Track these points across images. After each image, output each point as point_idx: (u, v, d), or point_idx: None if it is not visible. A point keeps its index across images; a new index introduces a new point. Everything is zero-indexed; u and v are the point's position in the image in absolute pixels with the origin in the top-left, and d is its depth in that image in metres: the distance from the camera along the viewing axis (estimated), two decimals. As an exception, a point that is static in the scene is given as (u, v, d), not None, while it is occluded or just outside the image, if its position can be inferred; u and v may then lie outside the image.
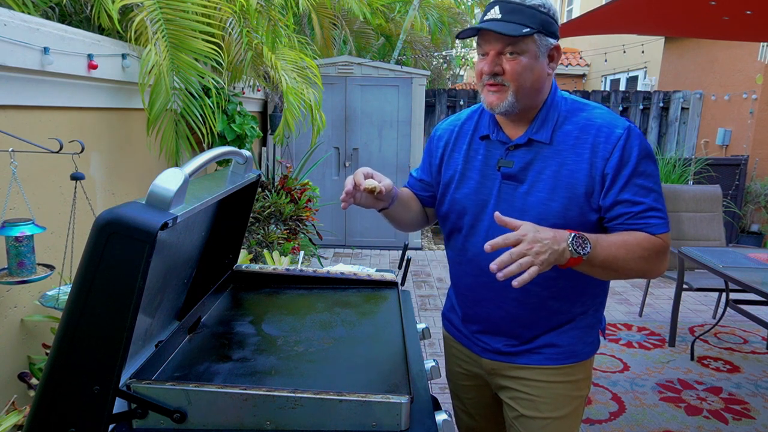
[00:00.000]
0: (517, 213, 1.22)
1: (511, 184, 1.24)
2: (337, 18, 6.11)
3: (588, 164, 1.18)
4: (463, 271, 1.36)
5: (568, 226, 1.15)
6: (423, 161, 1.47)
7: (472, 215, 1.30)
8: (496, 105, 1.19)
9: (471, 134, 1.34)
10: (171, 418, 0.88)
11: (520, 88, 1.18)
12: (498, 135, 1.28)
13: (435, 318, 3.95)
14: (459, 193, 1.32)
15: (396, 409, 0.88)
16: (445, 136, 1.40)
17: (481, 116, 1.35)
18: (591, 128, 1.20)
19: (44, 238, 1.82)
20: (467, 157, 1.33)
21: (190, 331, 1.20)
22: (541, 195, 1.21)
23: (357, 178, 1.19)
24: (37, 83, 1.85)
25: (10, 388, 1.75)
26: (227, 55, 2.85)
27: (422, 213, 1.46)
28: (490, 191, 1.27)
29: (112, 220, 0.78)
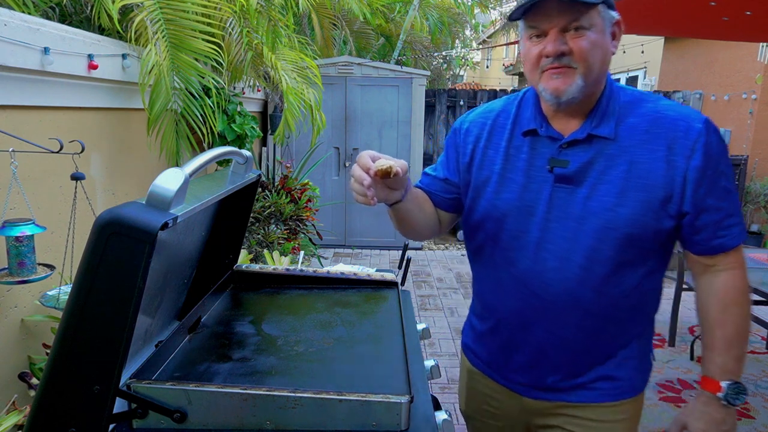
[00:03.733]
0: (575, 221, 1.05)
1: (566, 188, 1.06)
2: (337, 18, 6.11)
3: (664, 163, 1.02)
4: (504, 291, 1.16)
5: (641, 237, 1.03)
6: (447, 158, 1.24)
7: (515, 224, 1.11)
8: (564, 91, 1.01)
9: (510, 129, 1.14)
10: (171, 418, 0.88)
11: (590, 69, 1.00)
12: (547, 130, 1.09)
13: (435, 318, 3.95)
14: (499, 199, 1.13)
15: (396, 409, 0.88)
16: (474, 130, 1.19)
17: (520, 108, 1.15)
18: (664, 121, 1.04)
19: (44, 238, 1.82)
20: (507, 155, 1.13)
21: (190, 331, 1.20)
22: (607, 200, 1.03)
23: (364, 162, 0.96)
24: (37, 83, 1.85)
25: (11, 387, 1.75)
26: (227, 55, 2.85)
27: (435, 218, 1.23)
28: (537, 196, 1.09)
29: (112, 220, 0.79)
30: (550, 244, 1.07)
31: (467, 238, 1.25)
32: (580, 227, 1.05)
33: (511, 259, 1.13)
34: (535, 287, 1.10)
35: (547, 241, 1.08)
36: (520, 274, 1.12)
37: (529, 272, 1.10)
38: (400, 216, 1.12)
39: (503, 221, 1.12)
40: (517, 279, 1.12)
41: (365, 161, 0.96)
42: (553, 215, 1.07)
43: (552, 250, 1.08)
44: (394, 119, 5.67)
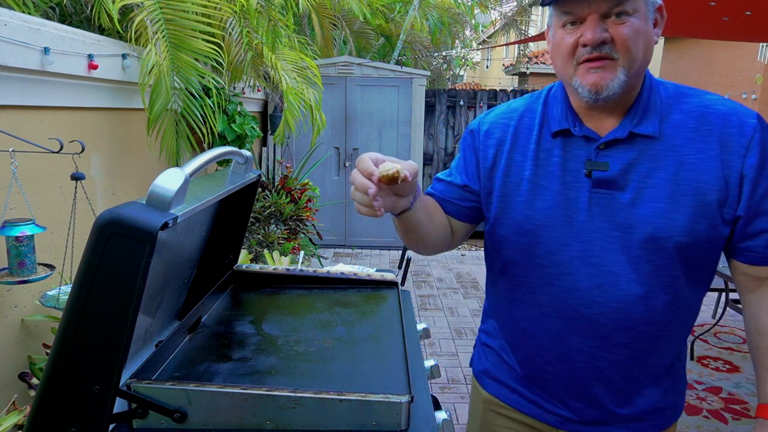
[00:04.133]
0: (620, 230, 0.94)
1: (606, 193, 0.95)
2: (337, 18, 6.11)
3: (718, 163, 0.91)
4: (542, 314, 1.03)
5: (694, 246, 0.92)
6: (465, 163, 1.10)
7: (552, 237, 0.98)
8: (604, 87, 0.89)
9: (538, 130, 1.02)
10: (171, 417, 0.88)
11: (633, 60, 0.89)
12: (582, 129, 0.97)
13: (435, 318, 3.95)
14: (533, 209, 1.00)
15: (396, 409, 0.88)
16: (496, 132, 1.06)
17: (547, 106, 1.04)
18: (713, 117, 0.93)
19: (45, 238, 1.82)
20: (537, 159, 1.01)
21: (190, 330, 1.20)
22: (657, 206, 0.92)
23: (366, 166, 0.83)
24: (37, 83, 1.85)
25: (11, 387, 1.75)
26: (227, 55, 2.85)
27: (448, 229, 1.10)
28: (575, 204, 0.97)
29: (112, 220, 0.79)
30: (595, 258, 0.96)
31: (491, 255, 1.11)
32: (628, 237, 0.94)
33: (549, 277, 1.00)
34: (580, 307, 0.98)
35: (590, 255, 0.96)
36: (560, 293, 0.99)
37: (571, 291, 0.98)
38: (407, 226, 0.98)
39: (538, 234, 0.99)
40: (557, 299, 0.99)
41: (366, 165, 0.82)
42: (595, 225, 0.96)
43: (597, 265, 0.97)
44: (394, 119, 5.67)
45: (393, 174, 0.81)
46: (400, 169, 0.82)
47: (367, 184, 0.82)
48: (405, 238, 1.05)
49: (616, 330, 0.97)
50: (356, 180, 0.84)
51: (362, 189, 0.83)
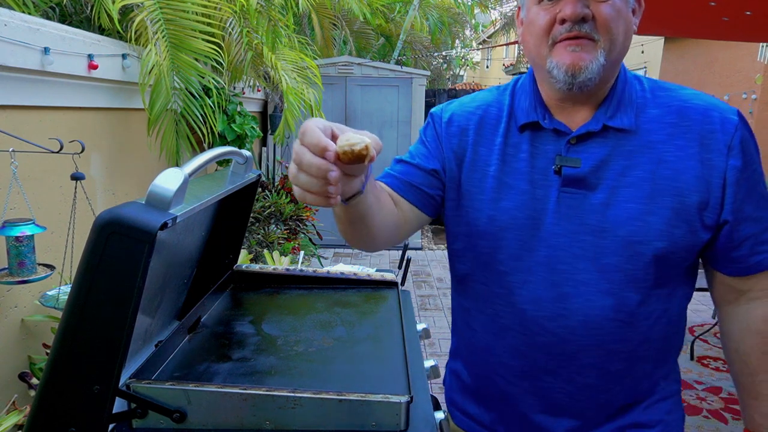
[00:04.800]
0: (591, 234, 0.85)
1: (577, 193, 0.86)
2: (337, 18, 6.11)
3: (698, 162, 0.84)
4: (502, 328, 0.93)
5: (673, 253, 0.84)
6: (427, 149, 0.98)
7: (517, 241, 0.89)
8: (582, 68, 0.81)
9: (505, 123, 0.93)
10: (171, 417, 0.88)
11: (613, 43, 0.82)
12: (552, 122, 0.89)
13: (435, 318, 3.95)
14: (497, 209, 0.90)
15: (396, 409, 0.88)
16: (460, 122, 0.96)
17: (515, 97, 0.95)
18: (693, 113, 0.86)
19: (44, 238, 1.82)
20: (503, 155, 0.92)
21: (190, 331, 1.20)
22: (632, 207, 0.84)
23: (317, 140, 0.60)
24: (37, 83, 1.85)
25: (11, 387, 1.75)
26: (227, 55, 2.85)
27: (397, 219, 0.92)
28: (543, 204, 0.88)
29: (111, 219, 0.79)
30: (562, 265, 0.87)
31: (452, 259, 1.01)
32: (600, 242, 0.85)
33: (511, 286, 0.90)
34: (543, 321, 0.88)
35: (557, 261, 0.87)
36: (522, 304, 0.90)
37: (534, 302, 0.89)
38: (354, 216, 0.78)
39: (501, 237, 0.90)
40: (520, 312, 0.90)
41: (317, 138, 0.60)
42: (563, 228, 0.86)
43: (565, 273, 0.87)
44: (394, 119, 5.67)
45: (360, 151, 0.59)
46: (370, 144, 0.60)
47: (325, 165, 0.59)
48: (347, 231, 0.85)
49: (583, 348, 0.87)
50: (304, 159, 0.60)
51: (318, 172, 0.59)
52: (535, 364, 0.91)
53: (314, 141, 0.59)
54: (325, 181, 0.60)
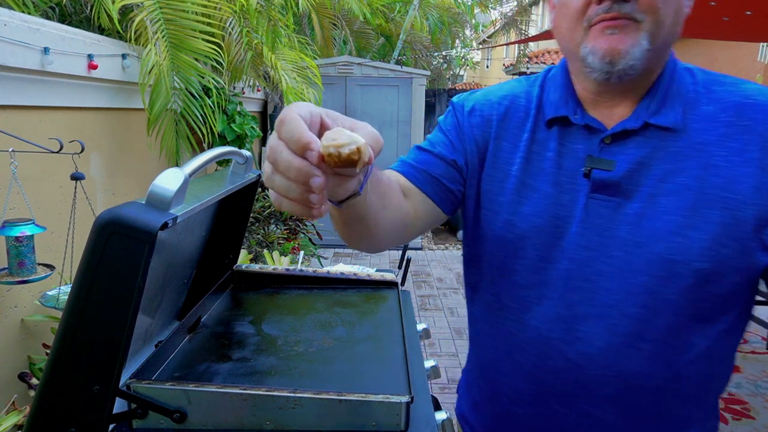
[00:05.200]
0: (621, 248, 0.74)
1: (608, 200, 0.75)
2: (337, 18, 6.11)
3: (758, 169, 0.70)
4: (511, 345, 0.84)
5: (719, 276, 0.71)
6: (449, 139, 0.86)
7: (536, 252, 0.79)
8: (622, 53, 0.69)
9: (533, 117, 0.82)
10: (171, 418, 0.88)
11: (660, 26, 0.70)
12: (584, 118, 0.78)
13: (435, 318, 3.95)
14: (517, 214, 0.80)
15: (396, 409, 0.88)
16: (483, 112, 0.85)
17: (544, 89, 0.84)
18: (755, 111, 0.72)
19: (44, 238, 1.82)
20: (528, 153, 0.81)
21: (190, 331, 1.20)
22: (672, 219, 0.72)
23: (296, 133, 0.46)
24: (37, 83, 1.85)
25: (11, 388, 1.75)
26: (227, 55, 2.85)
27: (405, 217, 0.79)
28: (568, 212, 0.77)
29: (111, 220, 0.78)
30: (585, 282, 0.76)
31: (465, 264, 0.93)
32: (630, 259, 0.74)
33: (524, 301, 0.81)
34: (559, 343, 0.78)
35: (579, 278, 0.76)
36: (536, 322, 0.80)
37: (550, 321, 0.79)
38: (351, 217, 0.66)
39: (519, 246, 0.80)
40: (532, 330, 0.80)
41: (298, 131, 0.45)
42: (589, 240, 0.75)
43: (587, 291, 0.76)
44: (394, 119, 5.68)
45: (348, 155, 0.44)
46: (363, 147, 0.45)
47: (306, 168, 0.45)
48: (343, 232, 0.72)
49: (602, 378, 0.77)
50: (281, 158, 0.46)
51: (297, 176, 0.45)
52: (545, 390, 0.81)
53: (294, 135, 0.45)
54: (306, 187, 0.45)
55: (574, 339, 0.78)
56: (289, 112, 0.47)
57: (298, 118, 0.46)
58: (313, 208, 0.47)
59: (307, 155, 0.45)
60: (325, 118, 0.49)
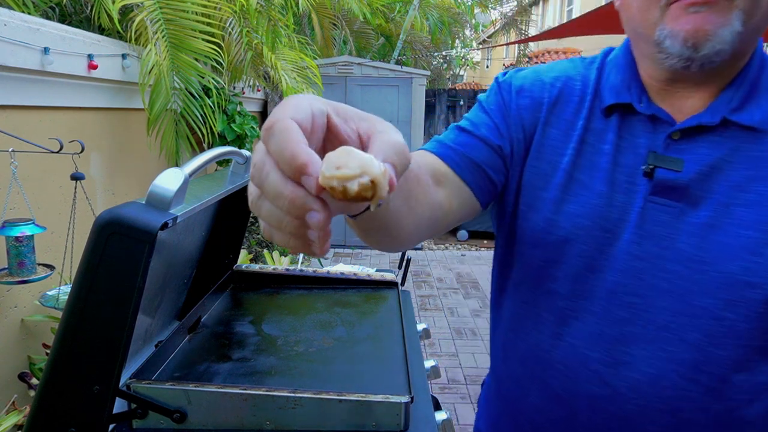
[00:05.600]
0: (683, 263, 0.64)
1: (670, 205, 0.65)
2: (337, 18, 6.11)
3: None
4: (540, 361, 0.74)
5: None
6: (492, 121, 0.73)
7: (580, 259, 0.69)
8: (710, 35, 0.58)
9: (589, 103, 0.71)
10: (171, 418, 0.88)
11: (756, 5, 0.58)
12: (649, 107, 0.67)
13: (435, 318, 3.95)
14: (561, 213, 0.70)
15: (396, 409, 0.88)
16: (533, 92, 0.73)
17: (602, 72, 0.73)
18: None
19: (44, 238, 1.82)
20: (581, 144, 0.70)
21: (190, 331, 1.20)
22: (747, 234, 0.62)
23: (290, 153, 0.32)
24: (37, 83, 1.85)
25: (11, 388, 1.75)
26: (227, 55, 2.85)
27: (436, 212, 0.64)
28: (622, 215, 0.67)
29: (111, 220, 0.79)
30: (635, 298, 0.66)
31: (499, 266, 0.82)
32: (693, 276, 0.63)
33: (562, 313, 0.71)
34: (599, 366, 0.68)
35: (629, 293, 0.66)
36: (573, 339, 0.70)
37: (590, 339, 0.68)
38: (368, 225, 0.53)
39: (561, 250, 0.70)
40: (568, 347, 0.70)
41: (291, 146, 0.32)
42: (643, 249, 0.65)
43: (637, 308, 0.66)
44: (394, 119, 5.68)
45: (359, 192, 0.32)
46: (379, 179, 0.32)
47: (301, 200, 0.33)
48: (361, 236, 0.57)
49: (646, 410, 0.66)
50: (268, 181, 0.33)
51: (290, 209, 0.33)
52: (575, 418, 0.70)
53: (285, 152, 0.32)
54: (302, 221, 0.33)
55: (618, 362, 0.67)
56: (282, 115, 0.33)
57: (293, 125, 0.33)
58: (312, 245, 0.35)
59: (304, 181, 0.32)
60: (334, 118, 0.37)
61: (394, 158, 0.35)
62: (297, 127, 0.33)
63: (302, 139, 0.33)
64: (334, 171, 0.32)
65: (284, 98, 0.39)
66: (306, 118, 0.34)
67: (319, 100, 0.37)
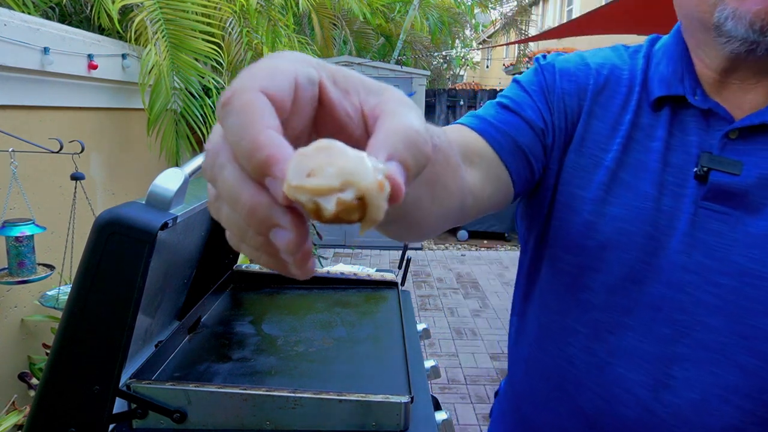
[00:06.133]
0: (738, 278, 0.57)
1: (726, 213, 0.58)
2: (337, 18, 6.11)
3: None
4: (568, 379, 0.67)
5: None
6: (534, 102, 0.65)
7: (621, 268, 0.62)
8: None
9: (638, 94, 0.64)
10: (171, 418, 0.88)
11: None
12: (705, 101, 0.60)
13: (435, 318, 3.95)
14: (602, 215, 0.62)
15: (396, 410, 0.88)
16: (579, 77, 0.66)
17: (650, 61, 0.66)
18: None
19: (44, 238, 1.82)
20: (629, 140, 0.63)
21: (190, 331, 1.20)
22: None
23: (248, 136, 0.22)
24: (37, 83, 1.85)
25: (11, 388, 1.75)
26: (227, 55, 2.85)
27: (462, 199, 0.52)
28: (670, 221, 0.60)
29: (112, 220, 0.79)
30: (682, 314, 0.60)
31: (527, 270, 0.74)
32: (748, 293, 0.57)
33: (597, 327, 0.64)
34: (637, 388, 0.61)
35: (676, 308, 0.60)
36: (609, 356, 0.63)
37: (628, 357, 0.62)
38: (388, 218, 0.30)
39: (600, 257, 0.63)
40: (602, 365, 0.63)
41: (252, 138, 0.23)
42: (693, 261, 0.59)
43: (683, 326, 0.60)
44: (394, 119, 5.68)
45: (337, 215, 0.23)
46: (371, 192, 0.23)
47: (264, 214, 0.24)
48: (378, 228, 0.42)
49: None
50: (223, 181, 0.24)
51: (250, 221, 0.24)
52: None
53: (243, 140, 0.23)
54: (268, 239, 0.25)
55: (659, 385, 0.60)
56: (247, 84, 0.24)
57: (258, 101, 0.23)
58: (287, 266, 0.26)
59: (269, 184, 0.23)
60: (329, 89, 0.27)
61: (405, 154, 0.25)
62: (266, 104, 0.23)
63: (271, 122, 0.23)
64: (303, 179, 0.22)
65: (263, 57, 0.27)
66: (284, 88, 0.24)
67: (311, 61, 0.27)
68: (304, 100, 0.26)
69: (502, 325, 3.77)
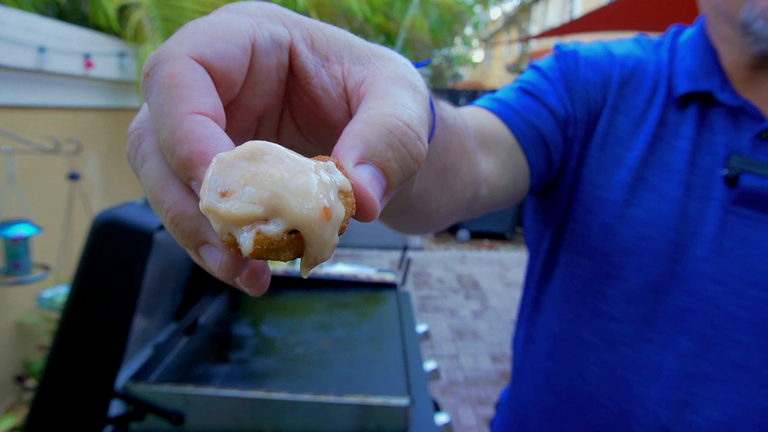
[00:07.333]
0: (767, 291, 0.54)
1: (757, 219, 0.54)
2: (337, 16, 6.11)
3: None
4: (581, 395, 0.62)
5: None
6: (553, 87, 0.60)
7: (643, 275, 0.57)
8: None
9: (664, 89, 0.60)
10: (169, 420, 0.87)
11: None
12: (734, 98, 0.57)
13: (435, 319, 3.95)
14: (624, 218, 0.58)
15: (396, 412, 0.87)
16: (603, 66, 0.62)
17: (675, 54, 0.62)
18: None
19: (40, 239, 1.81)
20: (655, 138, 0.59)
21: (188, 332, 1.19)
22: None
23: (169, 122, 0.18)
24: (33, 82, 1.84)
25: (7, 390, 1.74)
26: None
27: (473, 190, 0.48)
28: (696, 227, 0.56)
29: (108, 220, 0.78)
30: (708, 328, 0.55)
31: (540, 274, 0.69)
32: None
33: (613, 339, 0.59)
34: (656, 407, 0.57)
35: (701, 321, 0.55)
36: (627, 372, 0.58)
37: (648, 374, 0.57)
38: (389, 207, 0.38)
39: (619, 264, 0.58)
40: (618, 380, 0.59)
41: (178, 135, 0.18)
42: (721, 270, 0.55)
43: (709, 341, 0.56)
44: (394, 118, 5.68)
45: (260, 252, 0.17)
46: (309, 226, 0.17)
47: (190, 227, 0.19)
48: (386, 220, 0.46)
49: None
50: (146, 179, 0.21)
51: (177, 233, 0.20)
52: None
53: (163, 128, 0.19)
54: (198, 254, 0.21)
55: (681, 404, 0.56)
56: (175, 49, 0.19)
57: (187, 73, 0.19)
58: (230, 280, 0.21)
59: (196, 190, 0.19)
60: (303, 55, 0.22)
61: (386, 155, 0.19)
62: (197, 76, 0.18)
63: (200, 103, 0.18)
64: (216, 200, 0.17)
65: None
66: (230, 53, 0.19)
67: (281, 15, 0.22)
68: (267, 68, 0.20)
69: (503, 326, 3.77)
